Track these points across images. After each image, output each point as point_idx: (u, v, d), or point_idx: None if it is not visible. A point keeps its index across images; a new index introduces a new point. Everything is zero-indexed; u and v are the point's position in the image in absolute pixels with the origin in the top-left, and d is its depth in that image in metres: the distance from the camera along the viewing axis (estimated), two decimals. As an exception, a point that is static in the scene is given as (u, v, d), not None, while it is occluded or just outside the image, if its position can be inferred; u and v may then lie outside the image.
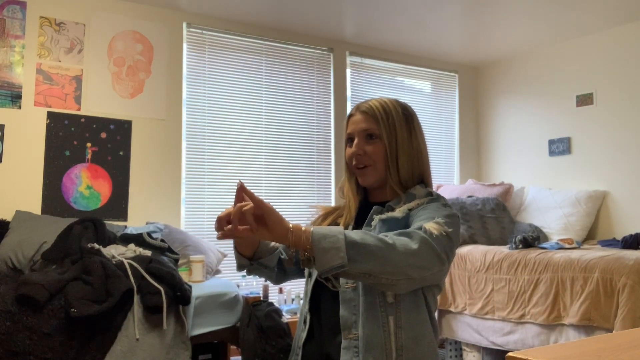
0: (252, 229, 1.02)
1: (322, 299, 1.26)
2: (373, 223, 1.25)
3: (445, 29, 4.07)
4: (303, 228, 1.05)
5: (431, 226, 1.13)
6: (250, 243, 1.25)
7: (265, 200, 1.05)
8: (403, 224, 1.22)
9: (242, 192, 1.06)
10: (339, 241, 1.02)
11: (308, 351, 1.25)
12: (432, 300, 1.25)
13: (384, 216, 1.24)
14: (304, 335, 1.26)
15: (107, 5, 3.48)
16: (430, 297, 1.24)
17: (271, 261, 1.30)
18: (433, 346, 1.22)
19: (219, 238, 1.06)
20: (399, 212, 1.24)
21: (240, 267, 1.29)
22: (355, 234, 1.05)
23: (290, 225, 1.04)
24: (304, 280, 1.36)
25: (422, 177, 1.34)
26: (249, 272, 1.31)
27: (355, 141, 1.30)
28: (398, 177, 1.29)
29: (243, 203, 1.03)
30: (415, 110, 1.40)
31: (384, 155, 1.28)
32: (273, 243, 1.31)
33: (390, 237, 1.08)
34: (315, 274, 1.27)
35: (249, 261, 1.26)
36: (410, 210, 1.25)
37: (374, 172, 1.29)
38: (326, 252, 1.01)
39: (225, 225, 1.05)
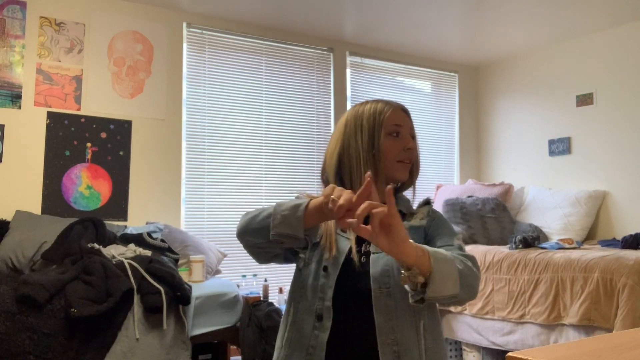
0: (374, 234, 0.96)
1: (345, 300, 1.20)
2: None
3: (445, 29, 4.07)
4: (422, 247, 1.03)
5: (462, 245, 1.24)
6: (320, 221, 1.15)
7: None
8: (422, 231, 1.28)
9: (371, 187, 0.98)
10: (455, 271, 1.06)
11: (335, 354, 1.18)
12: None
13: (415, 224, 1.27)
14: (325, 335, 1.17)
15: (107, 5, 3.48)
16: None
17: (309, 239, 1.23)
18: (445, 346, 1.32)
19: (343, 226, 0.97)
20: (421, 221, 1.29)
21: (289, 238, 1.13)
22: (458, 262, 1.10)
23: (414, 245, 1.01)
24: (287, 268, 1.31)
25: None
26: (278, 252, 1.21)
27: (407, 137, 1.31)
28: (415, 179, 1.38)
29: (374, 202, 0.96)
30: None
31: (417, 157, 1.35)
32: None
33: (466, 263, 1.14)
34: (335, 270, 1.20)
35: (304, 237, 1.15)
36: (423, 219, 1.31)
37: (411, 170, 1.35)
38: (445, 282, 1.04)
39: (343, 213, 0.98)
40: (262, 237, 1.15)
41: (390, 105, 1.31)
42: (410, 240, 1.00)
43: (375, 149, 1.26)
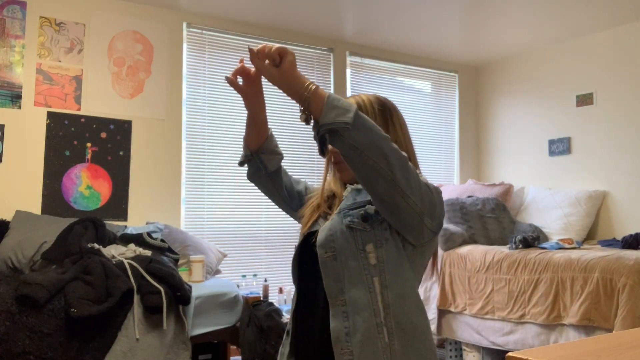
0: (267, 66, 1.17)
1: (307, 272, 1.29)
2: (345, 193, 1.28)
3: (445, 28, 4.07)
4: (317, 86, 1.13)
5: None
6: (258, 136, 1.33)
7: None
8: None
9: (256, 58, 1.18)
10: (351, 107, 1.09)
11: (300, 322, 1.28)
12: (415, 267, 1.22)
13: (358, 186, 1.27)
14: (292, 309, 1.32)
15: (107, 5, 3.48)
16: (412, 262, 1.21)
17: (270, 162, 1.36)
18: (419, 302, 1.21)
19: (233, 75, 1.29)
20: None
21: (243, 162, 1.37)
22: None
23: (308, 80, 1.12)
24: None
25: None
26: (250, 168, 1.38)
27: None
28: None
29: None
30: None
31: None
32: (279, 150, 1.37)
33: (391, 143, 1.13)
34: (299, 250, 1.30)
35: (250, 153, 1.34)
36: None
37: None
38: (336, 109, 1.08)
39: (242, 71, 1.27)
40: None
41: None
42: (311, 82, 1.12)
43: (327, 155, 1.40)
